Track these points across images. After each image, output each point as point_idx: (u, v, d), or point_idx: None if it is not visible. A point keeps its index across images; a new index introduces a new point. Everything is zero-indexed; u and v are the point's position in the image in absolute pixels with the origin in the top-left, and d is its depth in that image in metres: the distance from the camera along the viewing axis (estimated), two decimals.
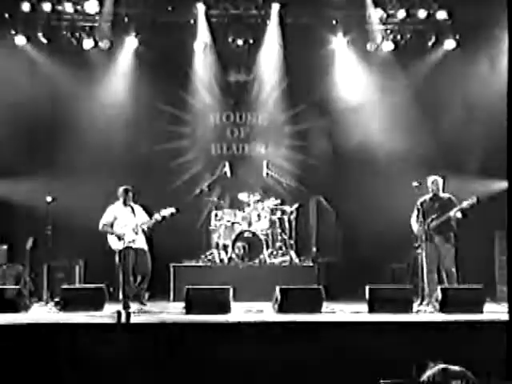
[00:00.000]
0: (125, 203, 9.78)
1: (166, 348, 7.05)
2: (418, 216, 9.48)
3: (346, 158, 11.73)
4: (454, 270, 9.38)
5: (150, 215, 9.84)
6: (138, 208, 9.85)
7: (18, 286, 9.35)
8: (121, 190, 9.85)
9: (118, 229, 9.70)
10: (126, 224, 9.69)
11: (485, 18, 10.89)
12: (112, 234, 9.68)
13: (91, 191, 11.15)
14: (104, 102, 11.57)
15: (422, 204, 9.50)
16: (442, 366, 5.13)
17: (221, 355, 6.87)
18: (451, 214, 9.35)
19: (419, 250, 9.43)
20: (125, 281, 9.34)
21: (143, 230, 9.82)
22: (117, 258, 9.63)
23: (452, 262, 9.41)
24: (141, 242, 9.77)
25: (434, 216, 9.42)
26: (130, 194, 9.80)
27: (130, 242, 9.59)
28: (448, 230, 9.48)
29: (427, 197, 9.56)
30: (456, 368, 5.10)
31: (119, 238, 9.62)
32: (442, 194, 9.61)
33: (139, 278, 9.70)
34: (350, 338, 7.15)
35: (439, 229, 9.43)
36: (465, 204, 9.29)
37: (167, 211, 9.71)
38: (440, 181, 9.61)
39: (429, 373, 5.09)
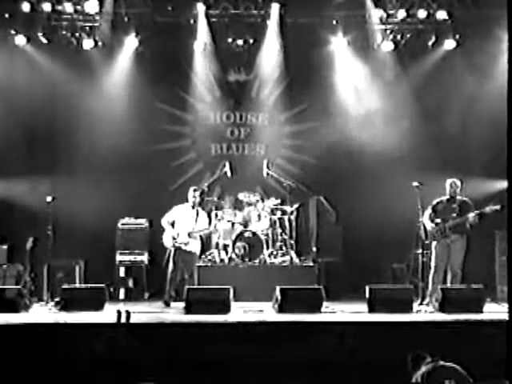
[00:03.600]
0: (193, 206, 9.99)
1: (166, 348, 7.06)
2: (430, 215, 9.50)
3: (345, 158, 11.71)
4: (460, 272, 9.37)
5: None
6: (203, 215, 10.10)
7: (18, 286, 9.34)
8: (190, 190, 10.04)
9: (177, 229, 9.89)
10: (183, 226, 9.87)
11: (485, 18, 10.90)
12: (168, 232, 9.90)
13: (91, 191, 11.17)
14: (104, 102, 11.55)
15: (437, 204, 9.55)
16: (435, 363, 5.15)
17: (221, 355, 6.88)
18: (470, 215, 9.32)
19: (432, 246, 9.41)
20: (170, 280, 9.75)
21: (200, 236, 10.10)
22: (166, 256, 10.02)
23: (460, 263, 9.39)
24: (193, 246, 9.96)
25: (452, 216, 9.42)
26: (198, 196, 9.99)
27: (183, 243, 9.83)
28: (463, 232, 9.44)
29: (444, 198, 9.56)
30: (449, 365, 5.12)
31: (173, 238, 9.84)
32: (458, 197, 9.58)
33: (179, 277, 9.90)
34: (349, 338, 7.16)
35: (455, 229, 9.40)
36: (487, 209, 9.21)
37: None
38: (458, 183, 9.60)
39: (423, 370, 5.10)
